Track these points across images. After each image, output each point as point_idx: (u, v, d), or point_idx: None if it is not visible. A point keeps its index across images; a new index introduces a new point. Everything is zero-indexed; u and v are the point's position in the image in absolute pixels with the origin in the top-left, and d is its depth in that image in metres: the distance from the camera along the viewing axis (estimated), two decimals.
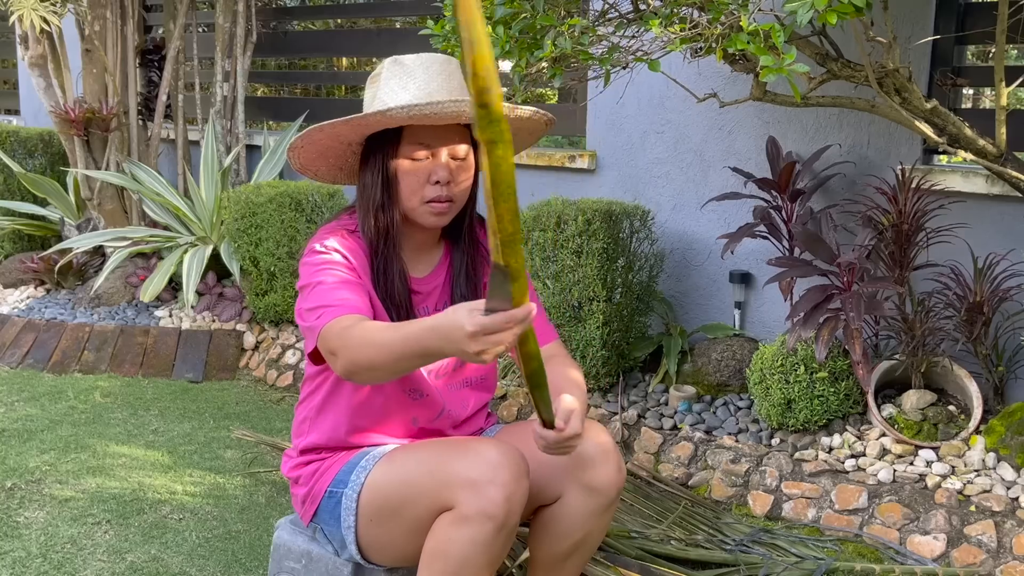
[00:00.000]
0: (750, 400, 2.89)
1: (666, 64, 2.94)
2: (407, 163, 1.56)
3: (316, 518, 1.65)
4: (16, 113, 6.48)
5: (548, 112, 1.66)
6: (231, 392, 3.55)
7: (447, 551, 1.41)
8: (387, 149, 1.56)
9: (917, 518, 2.32)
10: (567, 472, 1.57)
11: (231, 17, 4.46)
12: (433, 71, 1.55)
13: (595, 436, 1.59)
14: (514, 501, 1.40)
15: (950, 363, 2.60)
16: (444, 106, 1.48)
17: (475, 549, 1.39)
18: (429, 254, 1.69)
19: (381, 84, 1.57)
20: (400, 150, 1.56)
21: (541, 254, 2.99)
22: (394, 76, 1.56)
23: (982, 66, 3.02)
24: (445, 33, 2.29)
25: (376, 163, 1.58)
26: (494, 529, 1.39)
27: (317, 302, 1.48)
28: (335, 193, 3.81)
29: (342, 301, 1.47)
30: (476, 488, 1.39)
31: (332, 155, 1.65)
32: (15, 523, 2.36)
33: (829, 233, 2.63)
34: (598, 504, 1.58)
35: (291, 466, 1.70)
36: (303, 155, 1.63)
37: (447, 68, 1.58)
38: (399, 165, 1.56)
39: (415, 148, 1.55)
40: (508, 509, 1.39)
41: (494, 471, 1.40)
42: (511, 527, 1.42)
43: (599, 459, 1.57)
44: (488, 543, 1.40)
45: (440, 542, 1.42)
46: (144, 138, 4.48)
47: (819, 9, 1.69)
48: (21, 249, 4.79)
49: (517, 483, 1.41)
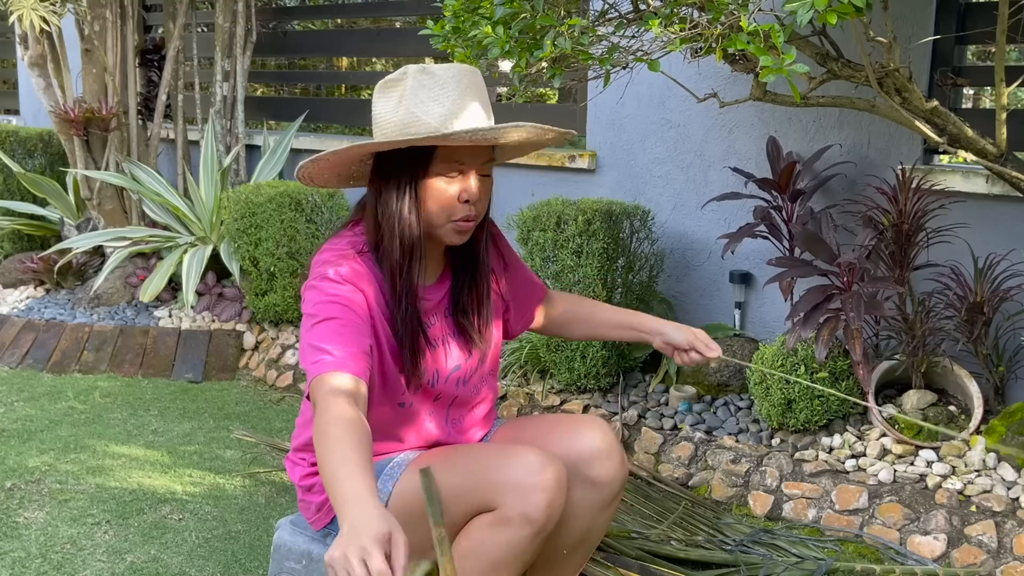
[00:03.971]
0: (750, 400, 2.89)
1: (666, 64, 2.94)
2: (441, 182, 1.49)
3: (333, 524, 1.63)
4: (16, 113, 6.47)
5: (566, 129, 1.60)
6: (231, 392, 3.55)
7: (480, 551, 1.40)
8: (418, 167, 1.48)
9: (917, 518, 2.32)
10: (572, 466, 1.57)
11: (231, 17, 4.46)
12: (465, 84, 1.48)
13: (599, 431, 1.59)
14: (555, 507, 1.41)
15: (950, 363, 2.60)
16: (507, 132, 1.43)
17: (511, 552, 1.40)
18: (435, 263, 1.65)
19: (408, 93, 1.48)
20: (433, 168, 1.48)
21: (541, 254, 2.99)
22: (423, 86, 1.47)
23: (982, 66, 3.02)
24: (445, 33, 2.28)
25: (402, 178, 1.49)
26: (533, 533, 1.39)
27: (317, 340, 1.41)
28: (335, 193, 3.81)
29: (339, 355, 1.39)
30: (520, 491, 1.39)
31: (343, 167, 1.59)
32: (15, 523, 2.36)
33: (829, 233, 2.63)
34: (601, 498, 1.58)
35: (301, 474, 1.66)
36: (319, 167, 1.55)
37: (475, 81, 1.51)
38: (431, 184, 1.49)
39: (450, 167, 1.48)
40: (549, 515, 1.40)
41: (538, 475, 1.40)
42: (547, 533, 1.42)
43: (603, 453, 1.57)
44: (524, 546, 1.40)
45: (475, 542, 1.42)
46: (144, 138, 4.48)
47: (819, 9, 1.69)
48: (21, 249, 4.79)
49: (560, 489, 1.41)
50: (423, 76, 1.48)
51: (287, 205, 3.63)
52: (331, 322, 1.43)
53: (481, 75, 1.56)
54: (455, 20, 2.23)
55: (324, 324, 1.43)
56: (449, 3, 2.23)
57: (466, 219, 1.51)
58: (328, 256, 1.52)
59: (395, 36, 4.71)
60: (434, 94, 1.46)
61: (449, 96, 1.46)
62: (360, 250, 1.54)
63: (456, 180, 1.49)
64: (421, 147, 1.47)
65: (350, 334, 1.42)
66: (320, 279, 1.48)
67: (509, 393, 3.12)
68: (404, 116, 1.47)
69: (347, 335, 1.42)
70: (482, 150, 1.51)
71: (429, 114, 1.46)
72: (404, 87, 1.49)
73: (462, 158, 1.48)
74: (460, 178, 1.50)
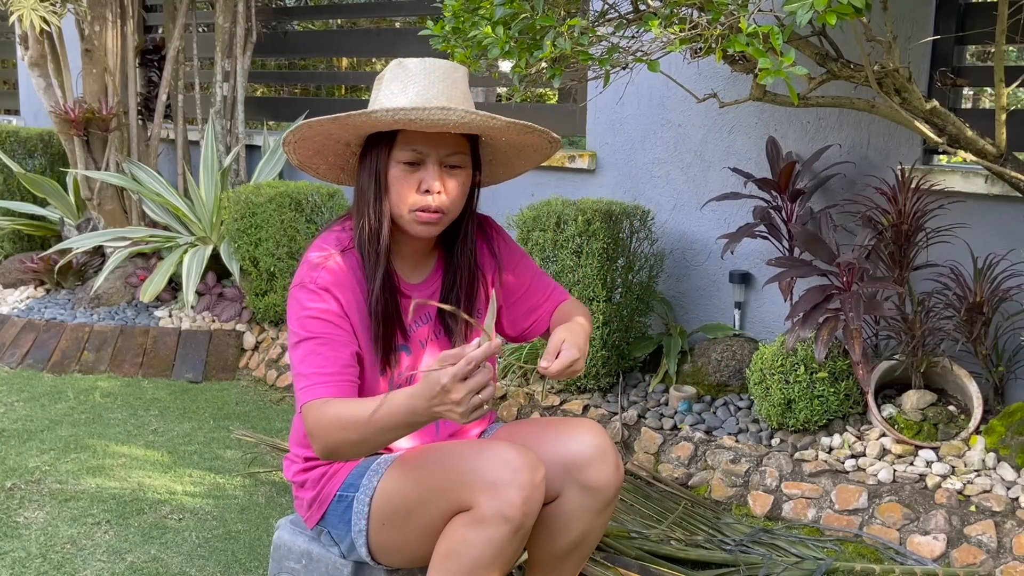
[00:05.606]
0: (750, 400, 2.89)
1: (666, 64, 2.94)
2: (397, 168, 1.53)
3: (323, 521, 1.64)
4: (16, 113, 6.47)
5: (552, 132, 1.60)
6: (231, 392, 3.55)
7: (461, 552, 1.41)
8: (381, 152, 1.54)
9: (917, 518, 2.32)
10: (565, 471, 1.57)
11: (231, 17, 4.46)
12: (435, 76, 1.52)
13: (592, 435, 1.59)
14: (531, 504, 1.41)
15: (950, 363, 2.60)
16: (430, 113, 1.43)
17: (490, 550, 1.40)
18: (424, 261, 1.67)
19: (383, 86, 1.55)
20: (392, 154, 1.53)
21: (541, 254, 2.99)
22: (396, 79, 1.53)
23: (982, 66, 3.02)
24: (445, 34, 2.29)
25: (370, 165, 1.56)
26: (510, 531, 1.39)
27: (301, 365, 1.50)
28: (335, 193, 3.81)
29: (323, 375, 1.48)
30: (495, 490, 1.39)
31: (330, 154, 1.63)
32: (15, 523, 2.36)
33: (829, 233, 2.63)
34: (596, 503, 1.58)
35: (296, 470, 1.69)
36: (299, 152, 1.62)
37: (452, 75, 1.54)
38: (392, 171, 1.54)
39: (406, 153, 1.52)
40: (525, 512, 1.40)
41: (513, 473, 1.40)
42: (526, 530, 1.43)
43: (597, 458, 1.57)
44: (503, 545, 1.40)
45: (455, 542, 1.42)
46: (144, 138, 4.48)
47: (818, 10, 1.69)
48: (21, 249, 4.79)
49: (535, 486, 1.42)
50: (397, 69, 1.54)
51: (287, 205, 3.64)
52: (311, 342, 1.50)
53: (463, 71, 1.57)
54: (455, 20, 2.23)
55: (305, 344, 1.50)
56: (449, 3, 2.23)
57: (426, 208, 1.53)
58: (312, 256, 1.57)
59: (395, 36, 4.71)
60: (403, 86, 1.52)
61: (415, 87, 1.51)
62: (345, 246, 1.58)
63: (416, 169, 1.53)
64: (385, 133, 1.53)
65: (330, 352, 1.50)
66: (299, 288, 1.54)
67: (509, 393, 3.12)
68: (375, 107, 1.53)
69: (327, 354, 1.50)
70: (444, 140, 1.52)
71: (393, 104, 1.51)
72: (383, 82, 1.56)
73: (419, 145, 1.52)
74: (420, 167, 1.53)
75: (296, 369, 1.51)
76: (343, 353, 1.51)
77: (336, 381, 1.48)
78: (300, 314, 1.52)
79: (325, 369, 1.48)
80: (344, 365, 1.50)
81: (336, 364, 1.49)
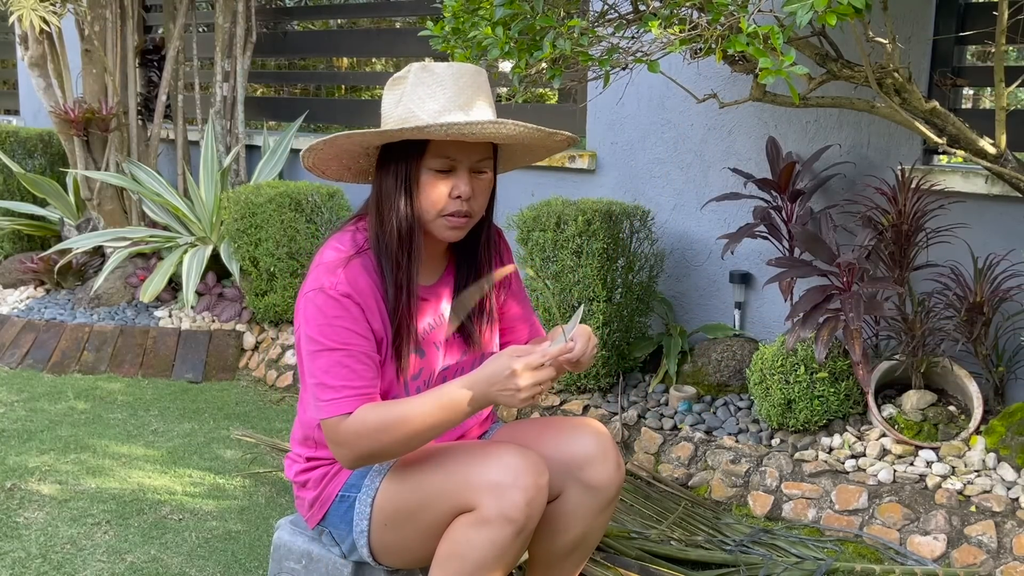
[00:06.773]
0: (750, 400, 2.89)
1: (666, 65, 2.94)
2: (430, 175, 1.51)
3: (324, 521, 1.64)
4: (16, 113, 6.48)
5: (565, 132, 1.62)
6: (231, 392, 3.55)
7: (463, 553, 1.41)
8: (411, 158, 1.51)
9: (917, 518, 2.32)
10: (566, 470, 1.58)
11: (231, 17, 4.46)
12: (463, 83, 1.50)
13: (594, 434, 1.59)
14: (534, 506, 1.41)
15: (950, 363, 2.60)
16: (484, 127, 1.44)
17: (493, 552, 1.40)
18: (436, 263, 1.67)
19: (407, 89, 1.52)
20: (424, 161, 1.51)
21: (541, 254, 2.99)
22: (422, 83, 1.50)
23: (982, 66, 3.02)
24: (445, 34, 2.29)
25: (398, 171, 1.53)
26: (513, 533, 1.40)
27: (326, 376, 1.47)
28: (335, 193, 3.81)
29: (352, 388, 1.47)
30: (498, 491, 1.40)
31: (347, 157, 1.61)
32: (15, 523, 2.36)
33: (829, 233, 2.63)
34: (597, 502, 1.58)
35: (297, 470, 1.68)
36: (319, 157, 1.59)
37: (477, 80, 1.53)
38: (423, 178, 1.51)
39: (439, 161, 1.50)
40: (528, 513, 1.40)
41: (516, 475, 1.41)
42: (529, 531, 1.43)
43: (598, 457, 1.57)
44: (506, 546, 1.40)
45: (457, 543, 1.42)
46: (144, 138, 4.48)
47: (818, 10, 1.69)
48: (21, 249, 4.79)
49: (538, 488, 1.42)
50: (423, 74, 1.52)
51: (287, 205, 3.64)
52: (337, 353, 1.48)
53: (486, 75, 1.57)
54: (455, 21, 2.23)
55: (330, 355, 1.48)
56: (449, 4, 2.23)
57: (457, 215, 1.53)
58: (328, 257, 1.54)
59: (395, 36, 4.71)
60: (431, 91, 1.50)
61: (445, 93, 1.49)
62: (361, 248, 1.56)
63: (448, 175, 1.52)
64: (416, 140, 1.50)
65: (357, 365, 1.49)
66: (319, 293, 1.50)
67: None
68: (403, 112, 1.52)
69: (355, 367, 1.48)
70: (475, 147, 1.52)
71: (424, 110, 1.49)
72: (406, 84, 1.53)
73: (452, 153, 1.51)
74: (452, 174, 1.52)
75: (319, 379, 1.48)
76: (369, 366, 1.50)
77: (366, 394, 1.48)
78: (321, 322, 1.49)
79: (353, 383, 1.47)
80: (372, 378, 1.50)
81: (364, 378, 1.48)
